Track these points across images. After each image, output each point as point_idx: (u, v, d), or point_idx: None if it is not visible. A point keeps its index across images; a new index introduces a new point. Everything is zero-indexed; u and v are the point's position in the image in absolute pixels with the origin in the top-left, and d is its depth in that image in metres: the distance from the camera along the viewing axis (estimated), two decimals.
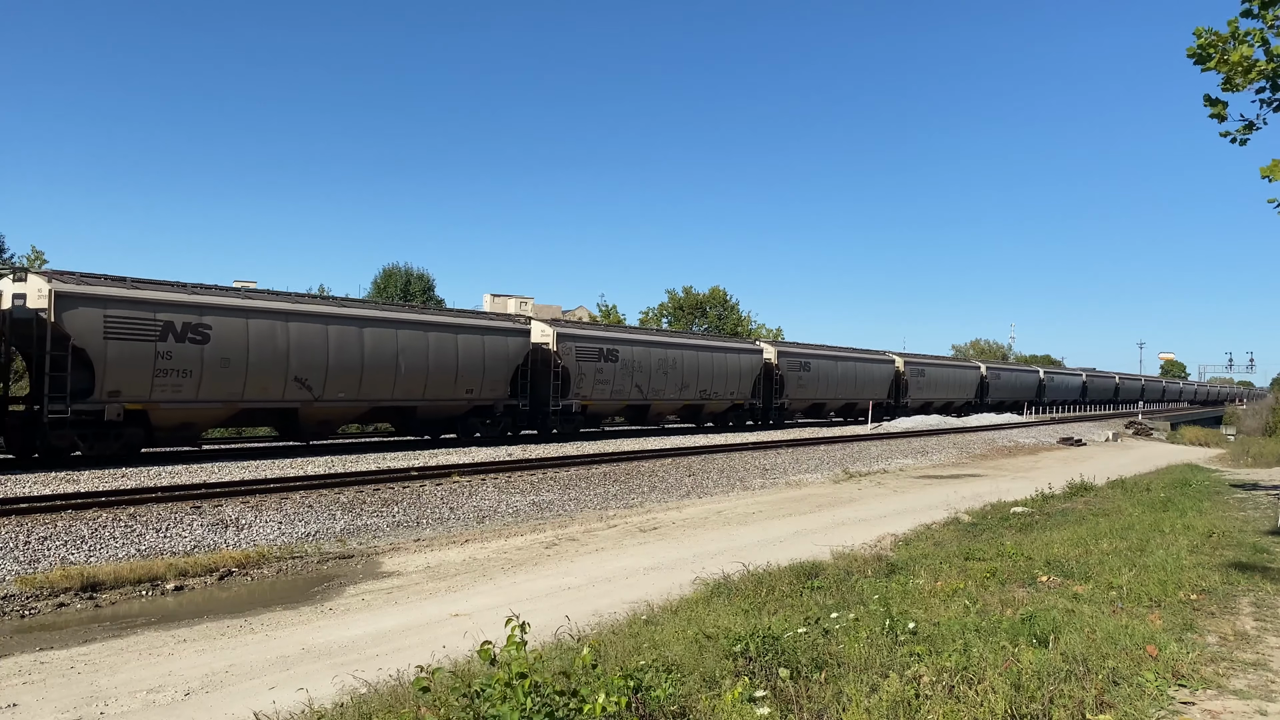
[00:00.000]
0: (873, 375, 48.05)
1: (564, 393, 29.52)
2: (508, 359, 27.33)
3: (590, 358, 30.54)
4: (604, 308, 65.20)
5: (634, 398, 32.75)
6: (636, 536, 14.83)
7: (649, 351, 33.31)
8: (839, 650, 5.98)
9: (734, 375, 37.54)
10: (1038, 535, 12.91)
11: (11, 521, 12.84)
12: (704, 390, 36.11)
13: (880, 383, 48.80)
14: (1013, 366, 74.29)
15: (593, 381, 30.58)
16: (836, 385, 44.77)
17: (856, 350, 49.90)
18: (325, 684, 6.95)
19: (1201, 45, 10.41)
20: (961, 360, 63.49)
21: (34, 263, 37.95)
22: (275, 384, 21.31)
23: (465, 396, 26.17)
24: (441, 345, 25.23)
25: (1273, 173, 9.70)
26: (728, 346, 38.57)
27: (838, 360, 45.33)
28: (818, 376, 43.35)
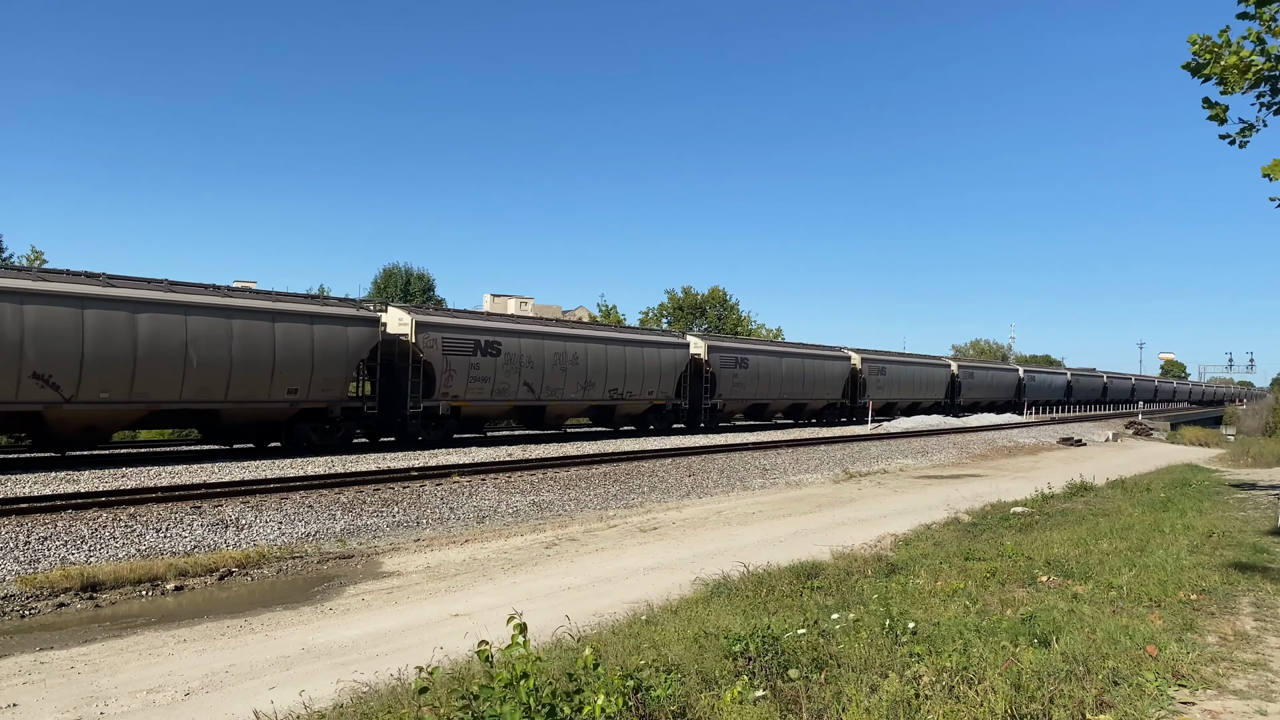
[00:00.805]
0: (824, 373, 43.98)
1: (428, 392, 25.25)
2: (347, 352, 22.99)
3: (463, 351, 26.19)
4: (604, 308, 65.24)
5: (523, 398, 28.32)
6: (636, 536, 14.83)
7: (541, 344, 28.85)
8: (839, 650, 5.98)
9: (653, 372, 33.11)
10: (1038, 535, 12.91)
11: (11, 521, 12.84)
12: (615, 389, 31.65)
13: (833, 381, 44.76)
14: (988, 365, 70.32)
15: (466, 379, 26.20)
16: (781, 384, 40.73)
17: (806, 346, 46.03)
18: (325, 684, 6.95)
19: (1196, 52, 10.41)
20: (929, 357, 58.53)
21: (34, 262, 37.94)
22: (4, 382, 17.27)
23: (287, 398, 21.72)
24: (251, 335, 20.77)
25: (1273, 171, 9.70)
26: (646, 340, 34.01)
27: (782, 356, 41.34)
28: (757, 374, 39.19)
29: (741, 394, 38.58)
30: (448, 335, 25.90)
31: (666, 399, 34.42)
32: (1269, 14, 10.03)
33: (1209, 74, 10.46)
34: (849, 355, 47.31)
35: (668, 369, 34.08)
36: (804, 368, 42.83)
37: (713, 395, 36.66)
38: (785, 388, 41.39)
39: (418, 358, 24.97)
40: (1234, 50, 10.16)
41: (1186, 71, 10.71)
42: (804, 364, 42.90)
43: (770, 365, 40.30)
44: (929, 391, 54.62)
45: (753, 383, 39.20)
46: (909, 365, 53.35)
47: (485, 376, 26.89)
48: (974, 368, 63.82)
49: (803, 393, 42.63)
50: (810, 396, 43.30)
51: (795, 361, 42.32)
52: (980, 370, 64.00)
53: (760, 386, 39.53)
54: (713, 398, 36.71)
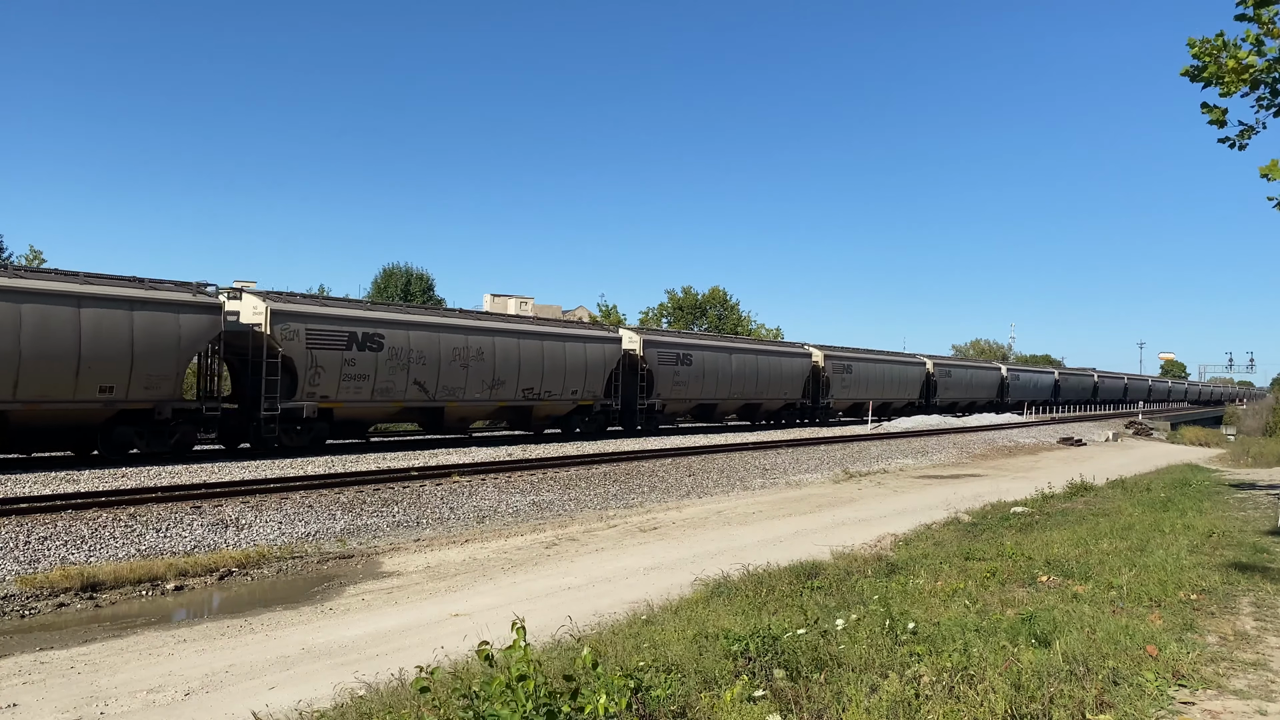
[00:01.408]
0: (781, 371, 40.95)
1: (290, 392, 22.13)
2: (179, 345, 19.76)
3: (334, 344, 22.73)
4: (604, 308, 65.25)
5: (414, 399, 24.96)
6: (636, 536, 14.83)
7: (435, 338, 25.25)
8: (839, 650, 5.98)
9: (577, 369, 30.00)
10: (1038, 535, 12.91)
11: (11, 521, 12.84)
12: (531, 389, 28.43)
13: (791, 380, 41.67)
14: (968, 363, 66.62)
15: (339, 377, 22.77)
16: (731, 383, 37.80)
17: (761, 341, 44.25)
18: (325, 684, 6.95)
19: (1196, 55, 10.42)
20: (901, 354, 55.25)
21: (33, 262, 37.95)
22: None
23: (100, 397, 18.52)
24: (48, 323, 17.53)
25: (1271, 172, 9.70)
26: (568, 334, 30.82)
27: (732, 353, 38.43)
28: (702, 372, 36.00)
29: (684, 393, 35.39)
30: (313, 326, 22.39)
31: (595, 399, 31.05)
32: (1267, 16, 10.04)
33: (1208, 77, 10.47)
34: (810, 352, 44.20)
35: (595, 366, 30.81)
36: (758, 365, 39.71)
37: (649, 395, 33.29)
38: (736, 386, 38.41)
39: (274, 351, 21.65)
40: (1232, 53, 10.17)
41: (1185, 77, 10.72)
42: (758, 361, 39.83)
43: (717, 362, 37.20)
44: (901, 391, 51.23)
45: (696, 381, 36.03)
46: (878, 363, 49.96)
47: (363, 374, 23.35)
48: (951, 366, 60.21)
49: (756, 392, 39.41)
50: (765, 396, 40.22)
51: (746, 358, 39.14)
52: (959, 369, 60.26)
53: (706, 385, 36.39)
54: (649, 397, 33.31)
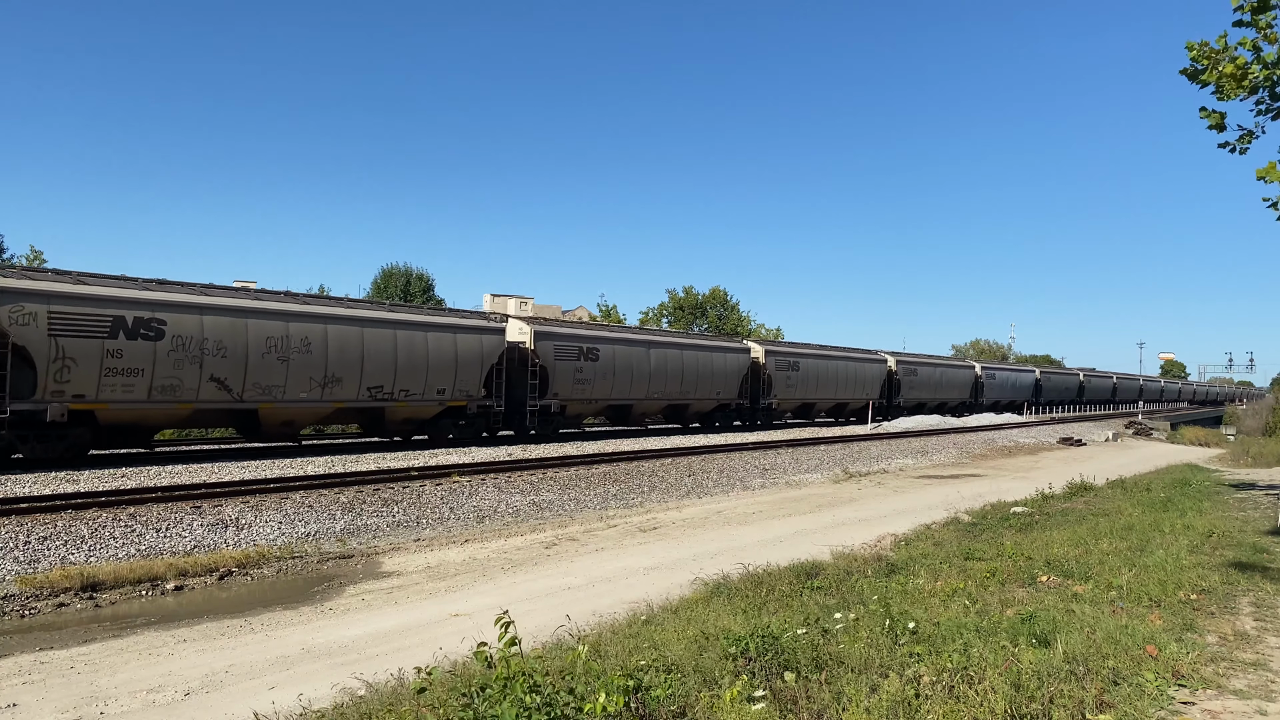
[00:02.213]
0: (714, 368, 36.81)
1: (28, 392, 17.75)
2: None
3: (97, 331, 18.53)
4: (604, 308, 65.27)
5: (218, 400, 20.50)
6: (636, 536, 14.83)
7: (243, 325, 20.90)
8: (839, 650, 5.98)
9: (444, 365, 25.60)
10: (1038, 535, 12.91)
11: (11, 521, 12.84)
12: (379, 387, 23.73)
13: (726, 378, 37.56)
14: (937, 360, 61.65)
15: (98, 371, 18.50)
16: (650, 381, 33.65)
17: (690, 336, 40.36)
18: (325, 684, 6.95)
19: (1194, 58, 10.44)
20: (860, 351, 50.56)
21: (33, 262, 37.93)
22: None
23: None
24: None
25: (1269, 174, 9.71)
26: (432, 322, 25.97)
27: (650, 347, 34.26)
28: (612, 369, 31.49)
29: (591, 393, 30.84)
30: (71, 310, 18.27)
31: (469, 399, 26.74)
32: (1265, 21, 10.06)
33: (1206, 81, 10.49)
34: (748, 347, 40.24)
35: (469, 361, 26.56)
36: (683, 361, 35.63)
37: (544, 394, 28.97)
38: (657, 385, 34.23)
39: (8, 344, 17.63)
40: (1231, 57, 10.19)
41: (1184, 77, 10.74)
42: (683, 356, 35.74)
43: (632, 358, 33.13)
44: (858, 390, 47.05)
45: (604, 379, 31.70)
46: (831, 360, 45.66)
47: (137, 368, 19.23)
48: (918, 364, 55.61)
49: (682, 391, 35.03)
50: (694, 396, 35.93)
51: (669, 353, 35.19)
52: (925, 366, 55.41)
53: (619, 384, 31.82)
54: (544, 397, 28.99)
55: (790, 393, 42.21)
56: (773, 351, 41.26)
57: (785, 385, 41.63)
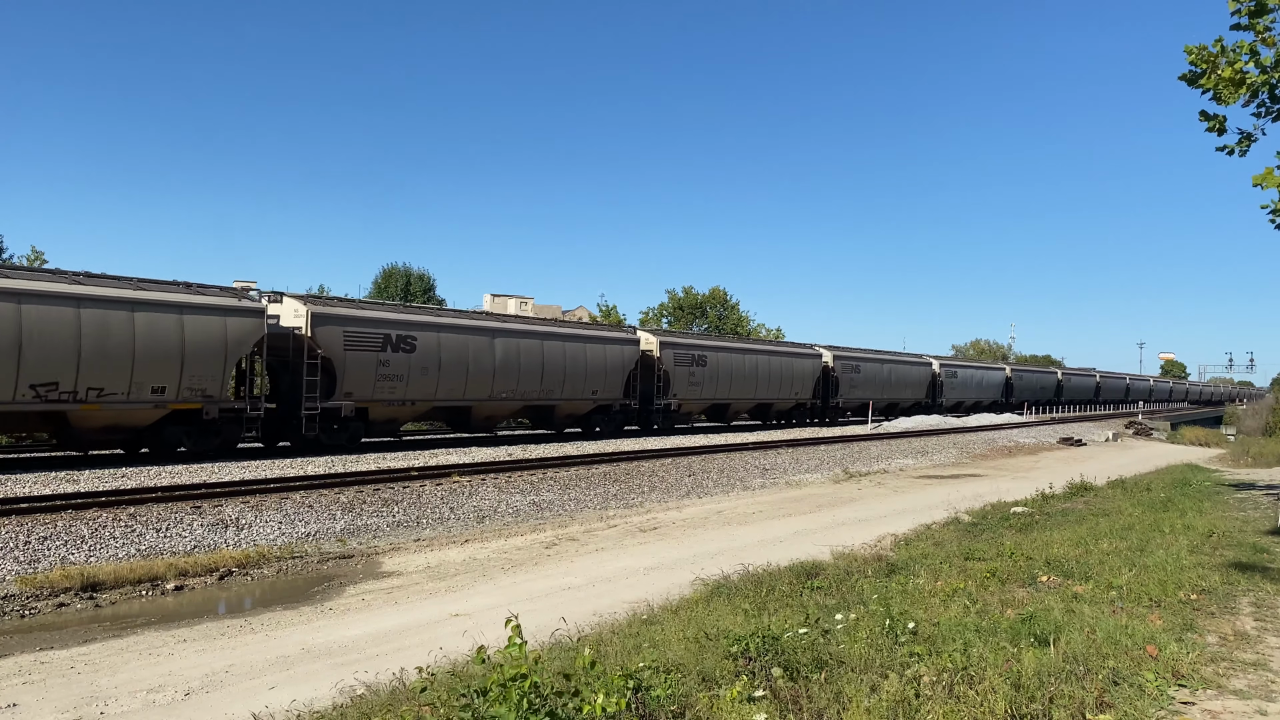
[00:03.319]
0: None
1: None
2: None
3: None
4: (604, 308, 65.26)
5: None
6: (636, 536, 14.83)
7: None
8: (839, 650, 5.98)
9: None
10: (1038, 535, 12.91)
11: (11, 521, 12.84)
12: (54, 384, 17.69)
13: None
14: (974, 363, 60.00)
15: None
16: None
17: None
18: (325, 684, 6.95)
19: (1193, 62, 10.47)
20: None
21: (33, 263, 37.88)
22: None
23: None
24: None
25: (1266, 180, 9.72)
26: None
27: (745, 354, 33.39)
28: (435, 360, 25.51)
29: (699, 394, 26.98)
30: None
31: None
32: (1262, 25, 10.08)
33: (1205, 85, 10.51)
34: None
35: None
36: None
37: (666, 395, 25.19)
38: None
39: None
40: (1230, 60, 10.22)
41: (1188, 67, 10.75)
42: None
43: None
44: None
45: (711, 382, 29.13)
46: (886, 363, 43.39)
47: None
48: (958, 366, 53.92)
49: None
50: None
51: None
52: (872, 363, 49.90)
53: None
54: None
55: (695, 392, 35.26)
56: (671, 344, 34.72)
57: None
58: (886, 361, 49.15)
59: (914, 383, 52.78)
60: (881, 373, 49.03)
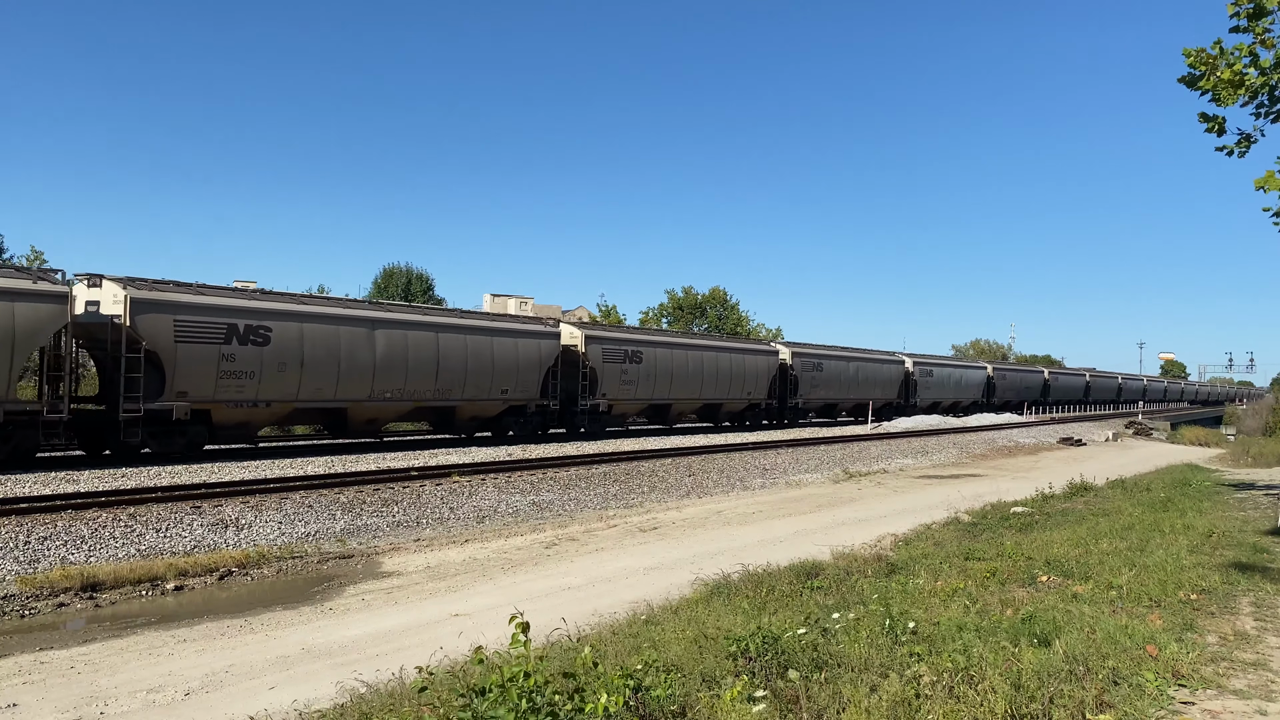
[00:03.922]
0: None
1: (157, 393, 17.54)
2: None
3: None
4: (604, 308, 65.28)
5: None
6: (636, 536, 14.83)
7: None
8: (839, 650, 5.98)
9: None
10: (1038, 535, 12.91)
11: (11, 521, 12.83)
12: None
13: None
14: (951, 362, 55.56)
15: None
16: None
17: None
18: (325, 684, 6.95)
19: (1191, 64, 10.47)
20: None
21: (33, 263, 37.94)
22: None
23: None
24: None
25: (1267, 183, 9.71)
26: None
27: (689, 350, 31.28)
28: (654, 370, 28.02)
29: (263, 391, 20.83)
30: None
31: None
32: (1261, 27, 10.08)
33: (1204, 87, 10.52)
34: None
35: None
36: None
37: (166, 392, 19.22)
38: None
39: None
40: (1229, 62, 10.22)
41: (1183, 84, 10.77)
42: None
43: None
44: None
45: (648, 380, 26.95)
46: (852, 361, 40.11)
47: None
48: (933, 365, 49.23)
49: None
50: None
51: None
52: (941, 368, 48.12)
53: (320, 378, 21.83)
54: (166, 396, 19.21)
55: (629, 391, 31.74)
56: (598, 338, 31.22)
57: (621, 382, 31.44)
58: (853, 359, 46.20)
59: (884, 382, 49.00)
60: (847, 371, 45.29)
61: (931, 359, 56.15)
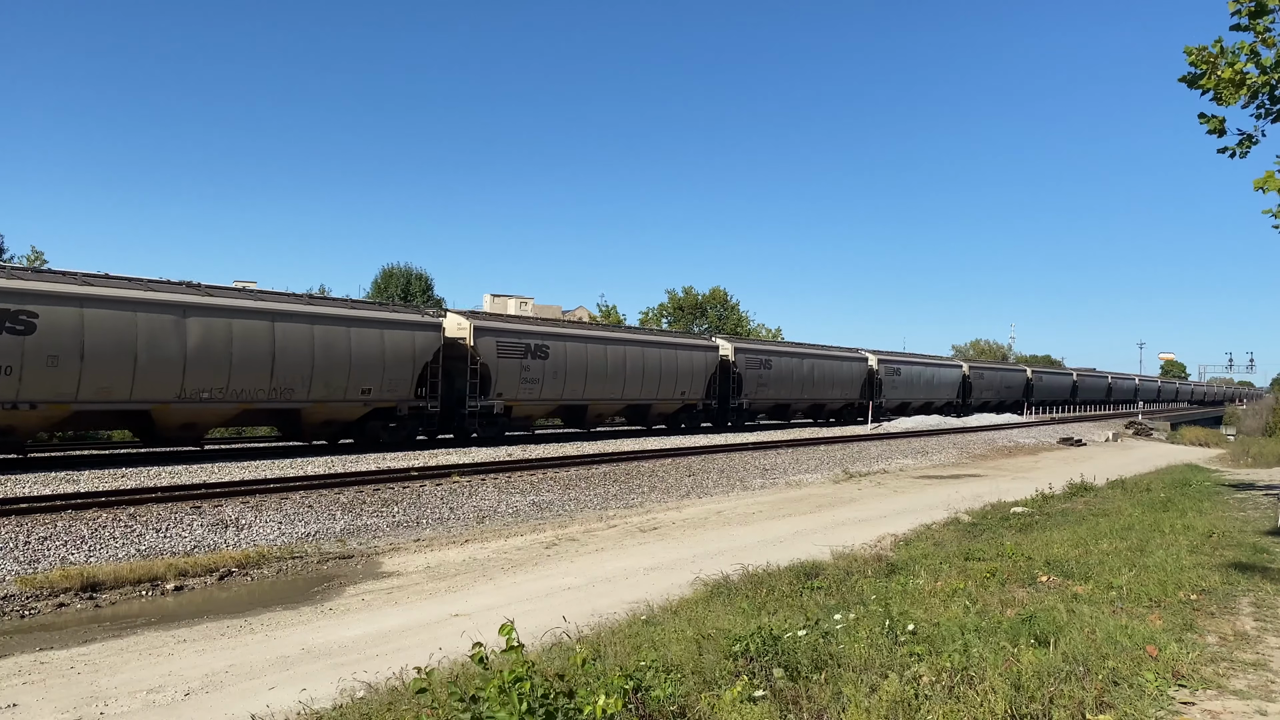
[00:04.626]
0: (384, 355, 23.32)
1: None
2: None
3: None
4: (604, 308, 65.29)
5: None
6: (636, 536, 14.83)
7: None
8: (839, 650, 5.98)
9: None
10: (1038, 535, 12.91)
11: (11, 521, 12.83)
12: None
13: (395, 368, 23.28)
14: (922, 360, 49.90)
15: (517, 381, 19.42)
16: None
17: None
18: (325, 684, 6.95)
19: (1192, 63, 10.46)
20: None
21: (34, 263, 37.88)
22: None
23: None
24: None
25: (1267, 183, 9.69)
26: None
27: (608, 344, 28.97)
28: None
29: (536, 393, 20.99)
30: None
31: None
32: (1262, 26, 10.06)
33: (1205, 86, 10.50)
34: (438, 321, 25.54)
35: None
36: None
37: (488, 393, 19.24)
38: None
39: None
40: (1230, 61, 10.21)
41: (1184, 84, 10.75)
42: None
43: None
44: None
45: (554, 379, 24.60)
46: (806, 358, 36.88)
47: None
48: (901, 363, 44.94)
49: (274, 388, 20.73)
50: (313, 398, 21.68)
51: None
52: (910, 366, 44.07)
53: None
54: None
55: (532, 392, 28.07)
56: (491, 329, 27.28)
57: (521, 381, 27.46)
58: (808, 356, 42.76)
59: (844, 381, 45.13)
60: (800, 369, 41.58)
61: (899, 356, 52.07)
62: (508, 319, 30.69)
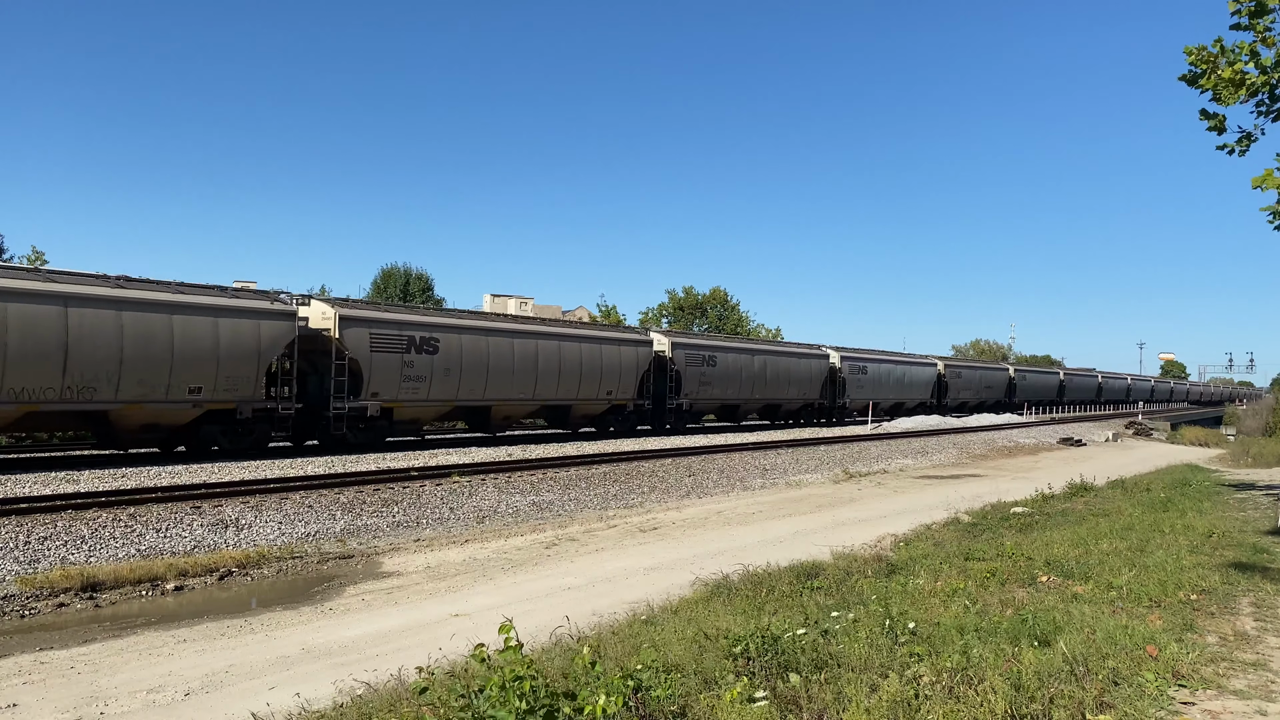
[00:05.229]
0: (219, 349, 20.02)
1: None
2: None
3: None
4: (604, 308, 65.27)
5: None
6: (636, 537, 14.82)
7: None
8: (839, 650, 5.98)
9: None
10: (1038, 535, 12.91)
11: (11, 521, 12.83)
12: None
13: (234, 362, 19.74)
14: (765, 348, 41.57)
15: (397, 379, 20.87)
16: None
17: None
18: (325, 684, 6.95)
19: (1193, 63, 10.48)
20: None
21: (34, 263, 37.88)
22: None
23: None
24: None
25: (1265, 182, 9.70)
26: None
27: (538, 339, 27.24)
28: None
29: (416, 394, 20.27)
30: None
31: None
32: (1262, 25, 10.08)
33: (1205, 86, 10.52)
34: (294, 309, 22.08)
35: None
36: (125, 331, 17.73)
37: None
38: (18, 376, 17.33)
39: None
40: (1230, 61, 10.23)
41: (1184, 83, 10.77)
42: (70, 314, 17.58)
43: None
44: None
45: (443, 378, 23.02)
46: (523, 338, 27.71)
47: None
48: (720, 350, 37.12)
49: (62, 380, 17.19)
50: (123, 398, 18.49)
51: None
52: (737, 354, 37.80)
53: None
54: None
55: (415, 391, 24.43)
56: (360, 319, 23.57)
57: (402, 380, 24.04)
58: (759, 353, 39.50)
59: (801, 380, 41.75)
60: (751, 367, 38.20)
61: (866, 353, 48.87)
62: (385, 307, 26.64)
